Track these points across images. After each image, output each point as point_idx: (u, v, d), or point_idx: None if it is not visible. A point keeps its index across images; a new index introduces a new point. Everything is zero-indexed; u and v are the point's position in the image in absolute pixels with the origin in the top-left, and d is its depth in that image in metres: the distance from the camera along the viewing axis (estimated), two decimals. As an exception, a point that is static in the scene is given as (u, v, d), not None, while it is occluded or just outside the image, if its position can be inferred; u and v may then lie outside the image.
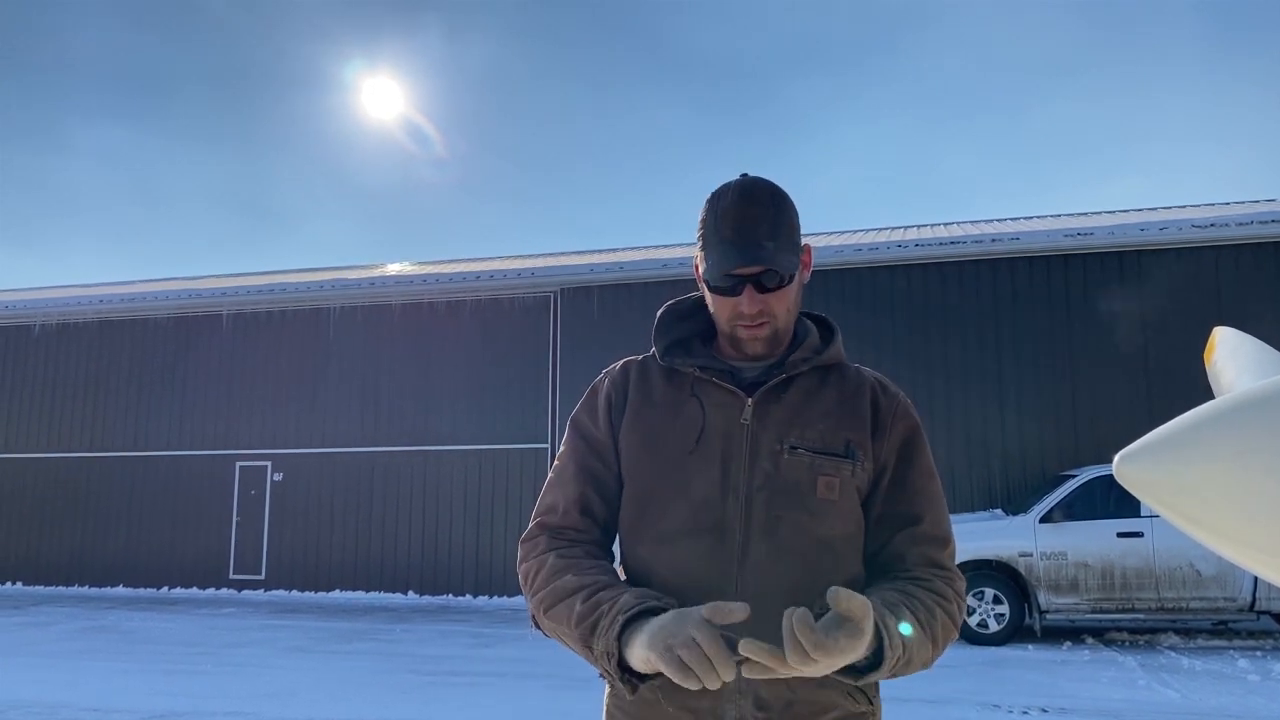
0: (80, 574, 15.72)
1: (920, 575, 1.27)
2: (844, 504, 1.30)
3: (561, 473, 1.39)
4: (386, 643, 9.63)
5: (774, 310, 1.32)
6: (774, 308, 1.32)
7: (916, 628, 1.17)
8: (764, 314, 1.32)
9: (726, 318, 1.35)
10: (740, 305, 1.32)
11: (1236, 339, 1.15)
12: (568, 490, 1.36)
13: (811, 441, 1.31)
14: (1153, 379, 12.16)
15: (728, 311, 1.34)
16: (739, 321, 1.33)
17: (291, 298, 15.58)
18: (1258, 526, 0.73)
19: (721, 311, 1.35)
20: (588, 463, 1.37)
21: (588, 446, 1.39)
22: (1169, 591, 8.96)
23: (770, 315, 1.33)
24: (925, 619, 1.19)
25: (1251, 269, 12.24)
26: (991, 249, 12.99)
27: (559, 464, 1.41)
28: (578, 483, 1.36)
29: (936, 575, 1.28)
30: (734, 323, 1.34)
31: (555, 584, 1.25)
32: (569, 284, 14.52)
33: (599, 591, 1.21)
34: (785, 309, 1.34)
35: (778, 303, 1.32)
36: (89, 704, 6.58)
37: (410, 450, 14.73)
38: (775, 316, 1.33)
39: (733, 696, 1.23)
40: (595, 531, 1.36)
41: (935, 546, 1.31)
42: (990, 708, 6.52)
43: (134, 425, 15.99)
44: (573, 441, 1.41)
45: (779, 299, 1.32)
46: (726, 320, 1.35)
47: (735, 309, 1.33)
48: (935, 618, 1.22)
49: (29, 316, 16.69)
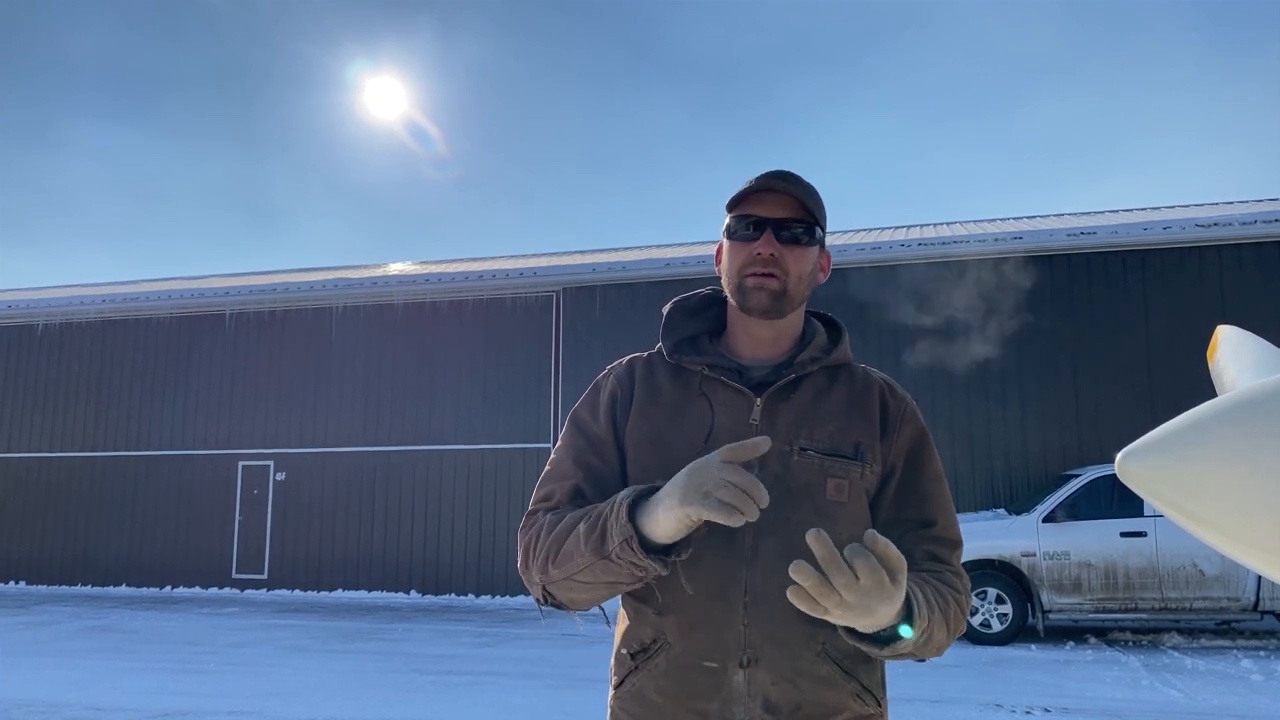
0: (83, 573, 15.74)
1: (929, 568, 1.28)
2: (852, 506, 1.29)
3: (558, 465, 1.38)
4: (389, 642, 9.63)
5: (787, 265, 1.31)
6: (788, 263, 1.31)
7: (935, 609, 1.18)
8: (775, 264, 1.30)
9: (739, 266, 1.33)
10: (756, 247, 1.30)
11: (1239, 337, 1.14)
12: (564, 484, 1.35)
13: (821, 443, 1.30)
14: (1156, 378, 12.14)
15: (742, 258, 1.32)
16: (751, 268, 1.31)
17: (294, 297, 15.59)
18: (1260, 524, 0.72)
19: (735, 259, 1.33)
20: (585, 458, 1.36)
21: (586, 442, 1.37)
22: (1172, 591, 8.95)
23: (783, 270, 1.30)
24: (939, 603, 1.20)
25: (1255, 268, 12.22)
26: (994, 248, 12.98)
27: (555, 457, 1.39)
28: (573, 477, 1.35)
29: (946, 569, 1.29)
30: (746, 270, 1.32)
31: (555, 531, 1.25)
32: (571, 283, 14.52)
33: (597, 508, 1.21)
34: (799, 273, 1.32)
35: (793, 260, 1.31)
36: (92, 703, 6.59)
37: (413, 450, 14.74)
38: (787, 273, 1.31)
39: (741, 699, 1.22)
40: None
41: (946, 548, 1.32)
42: (993, 707, 6.51)
43: (137, 425, 16.01)
44: (570, 437, 1.40)
45: (795, 257, 1.31)
46: (738, 270, 1.33)
47: (750, 254, 1.31)
48: (948, 604, 1.22)
49: (32, 316, 16.72)
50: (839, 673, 1.25)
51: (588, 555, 1.18)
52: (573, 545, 1.20)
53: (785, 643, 1.23)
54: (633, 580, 1.19)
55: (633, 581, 1.20)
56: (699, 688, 1.23)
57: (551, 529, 1.26)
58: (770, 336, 1.37)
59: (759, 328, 1.37)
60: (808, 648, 1.23)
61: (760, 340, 1.38)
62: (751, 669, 1.22)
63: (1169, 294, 12.40)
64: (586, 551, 1.18)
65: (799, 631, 1.23)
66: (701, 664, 1.23)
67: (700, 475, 1.07)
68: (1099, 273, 12.74)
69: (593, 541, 1.17)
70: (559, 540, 1.23)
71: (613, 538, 1.15)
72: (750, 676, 1.22)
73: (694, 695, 1.23)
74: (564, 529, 1.23)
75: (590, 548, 1.17)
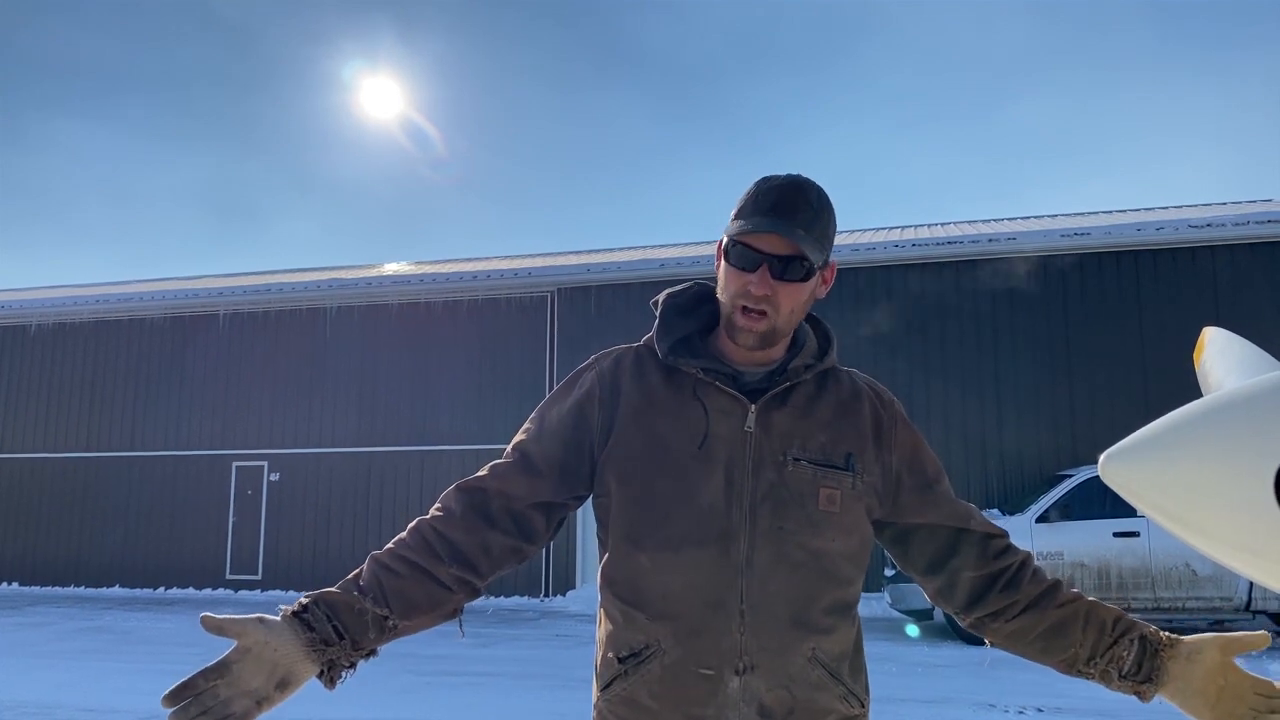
0: (77, 574, 15.70)
1: (1026, 575, 1.38)
2: (843, 516, 1.30)
3: (507, 451, 1.39)
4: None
5: (779, 303, 1.29)
6: (780, 300, 1.29)
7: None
8: (768, 302, 1.29)
9: (732, 295, 1.32)
10: (750, 284, 1.29)
11: (1225, 339, 1.15)
12: (480, 473, 1.37)
13: (813, 453, 1.30)
14: (1149, 378, 12.18)
15: (735, 287, 1.31)
16: (741, 302, 1.30)
17: (288, 298, 15.57)
18: (1240, 525, 0.73)
19: (730, 284, 1.32)
20: (525, 446, 1.37)
21: (537, 432, 1.38)
22: (1165, 591, 8.98)
23: (773, 308, 1.29)
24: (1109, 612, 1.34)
25: (1248, 268, 12.27)
26: (988, 249, 13.01)
27: (513, 440, 1.40)
28: (494, 469, 1.36)
29: (1027, 557, 1.41)
30: (737, 301, 1.31)
31: (391, 545, 1.34)
32: (566, 284, 14.53)
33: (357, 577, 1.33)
34: (790, 309, 1.31)
35: (785, 297, 1.29)
36: (85, 704, 6.57)
37: (407, 450, 14.72)
38: (777, 311, 1.30)
39: (736, 705, 1.22)
40: (469, 515, 1.33)
41: (994, 534, 1.40)
42: (986, 707, 6.52)
43: (131, 425, 15.97)
44: (527, 425, 1.40)
45: (788, 293, 1.29)
46: (731, 298, 1.32)
47: (743, 286, 1.29)
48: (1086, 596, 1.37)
49: (25, 316, 16.67)
50: (828, 677, 1.26)
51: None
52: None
53: (779, 649, 1.23)
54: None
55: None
56: (694, 694, 1.23)
57: (398, 540, 1.34)
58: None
59: None
60: (800, 653, 1.24)
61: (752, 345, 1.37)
62: (747, 675, 1.22)
63: (1162, 294, 12.44)
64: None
65: (792, 638, 1.24)
66: (697, 671, 1.23)
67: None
68: (1092, 273, 12.77)
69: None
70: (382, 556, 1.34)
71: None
72: (745, 683, 1.22)
73: (689, 701, 1.23)
74: (381, 556, 1.34)
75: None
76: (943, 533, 1.37)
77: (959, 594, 1.38)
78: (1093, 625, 1.30)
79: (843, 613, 1.29)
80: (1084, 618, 1.31)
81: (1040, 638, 1.34)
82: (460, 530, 1.31)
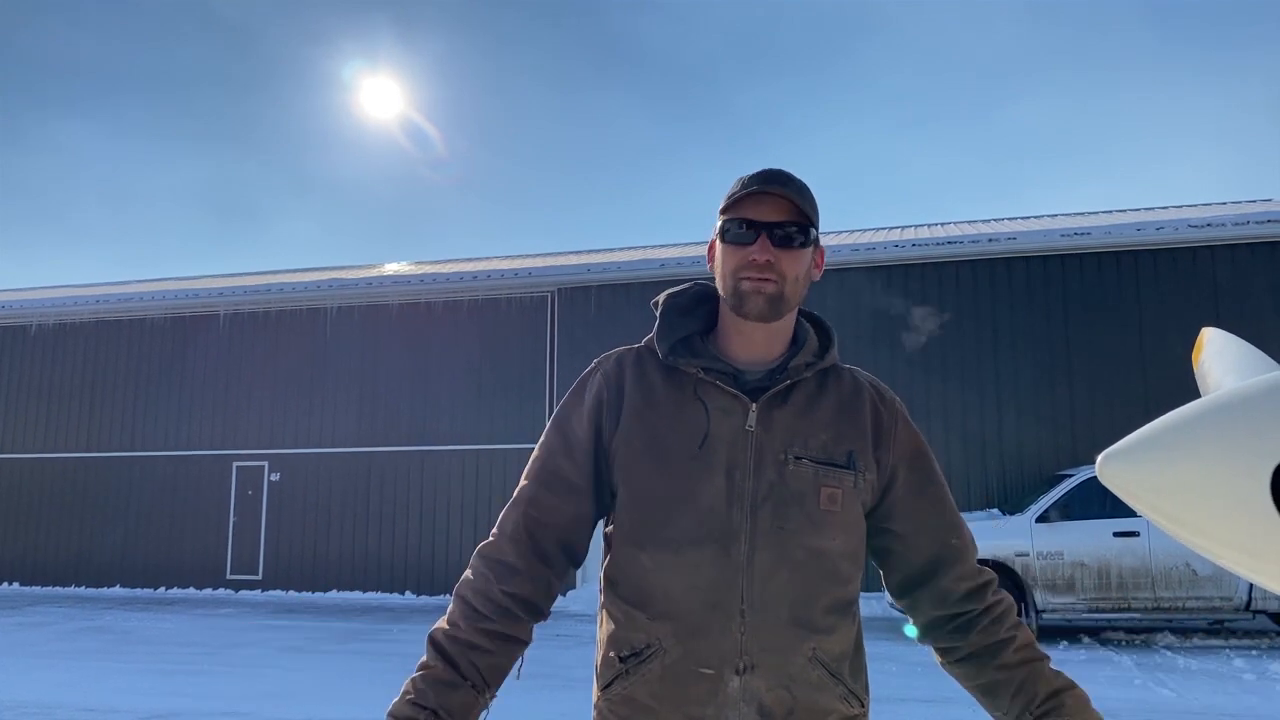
0: (77, 574, 15.70)
1: (981, 623, 1.35)
2: (845, 515, 1.30)
3: (534, 471, 1.39)
4: (384, 643, 9.63)
5: (783, 269, 1.29)
6: (784, 267, 1.29)
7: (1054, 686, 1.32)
8: (773, 268, 1.29)
9: (733, 268, 1.31)
10: (751, 253, 1.29)
11: (1223, 340, 1.16)
12: (519, 509, 1.38)
13: (815, 452, 1.30)
14: (1149, 379, 12.18)
15: (736, 262, 1.30)
16: (746, 272, 1.29)
17: (289, 298, 15.57)
18: (1237, 525, 0.73)
19: (729, 262, 1.32)
20: (554, 462, 1.37)
21: (563, 443, 1.38)
22: (1165, 591, 8.98)
23: (779, 274, 1.29)
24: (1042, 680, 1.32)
25: (1248, 268, 12.27)
26: (988, 249, 13.01)
27: (535, 454, 1.40)
28: (533, 501, 1.37)
29: (995, 604, 1.36)
30: (740, 274, 1.30)
31: (454, 617, 1.40)
32: (566, 284, 14.53)
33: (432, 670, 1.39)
34: (794, 275, 1.31)
35: (787, 264, 1.29)
36: (86, 704, 6.58)
37: (407, 450, 14.73)
38: (784, 277, 1.29)
39: (736, 704, 1.23)
40: (528, 560, 1.36)
41: (970, 556, 1.39)
42: (986, 707, 6.52)
43: (131, 425, 15.97)
44: (550, 436, 1.40)
45: (790, 260, 1.30)
46: (732, 272, 1.31)
47: (745, 258, 1.29)
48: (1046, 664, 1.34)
49: (25, 316, 16.68)
50: (828, 677, 1.26)
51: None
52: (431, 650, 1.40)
53: (780, 649, 1.23)
54: None
55: None
56: (694, 693, 1.23)
57: (456, 612, 1.40)
58: (763, 338, 1.36)
59: (753, 329, 1.35)
60: (800, 653, 1.24)
61: (754, 342, 1.36)
62: (747, 675, 1.22)
63: (1163, 294, 12.44)
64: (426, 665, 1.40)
65: (792, 638, 1.24)
66: (698, 670, 1.23)
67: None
68: (1092, 273, 12.78)
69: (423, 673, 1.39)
70: (449, 625, 1.40)
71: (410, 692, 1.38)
72: (746, 683, 1.22)
73: (689, 701, 1.23)
74: (449, 632, 1.41)
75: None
76: (918, 561, 1.37)
77: (917, 620, 1.42)
78: (1021, 697, 1.30)
79: (843, 611, 1.30)
80: (1016, 687, 1.31)
81: (976, 689, 1.36)
82: (528, 584, 1.36)
